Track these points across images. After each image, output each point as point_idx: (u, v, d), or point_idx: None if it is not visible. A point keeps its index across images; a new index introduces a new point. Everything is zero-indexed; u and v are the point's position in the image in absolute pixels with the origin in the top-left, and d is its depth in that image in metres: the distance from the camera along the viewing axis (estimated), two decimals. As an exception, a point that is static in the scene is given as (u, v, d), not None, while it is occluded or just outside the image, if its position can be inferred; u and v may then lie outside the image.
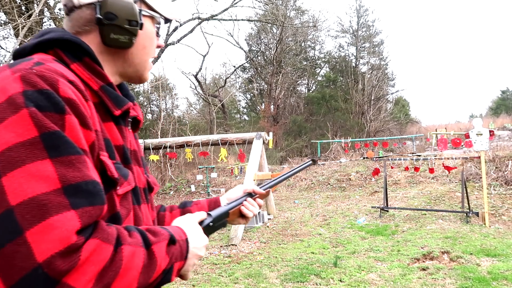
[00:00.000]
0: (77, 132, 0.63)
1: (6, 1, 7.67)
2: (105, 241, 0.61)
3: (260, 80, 25.51)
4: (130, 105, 0.84)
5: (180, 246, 0.77)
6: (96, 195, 0.63)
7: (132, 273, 0.64)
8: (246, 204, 1.10)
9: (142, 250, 0.67)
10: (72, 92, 0.66)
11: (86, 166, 0.63)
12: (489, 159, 9.40)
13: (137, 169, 0.88)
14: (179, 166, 14.99)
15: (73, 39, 0.76)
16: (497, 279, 3.95)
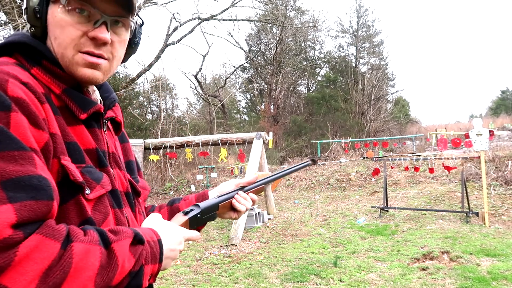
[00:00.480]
0: (24, 130, 0.60)
1: (6, 1, 7.67)
2: (50, 237, 0.56)
3: (260, 80, 25.52)
4: (99, 107, 0.79)
5: (151, 248, 0.72)
6: (41, 189, 0.58)
7: (86, 273, 0.57)
8: (237, 197, 1.07)
9: (99, 248, 0.61)
10: (22, 92, 0.63)
11: (32, 162, 0.59)
12: (489, 159, 9.41)
13: (117, 171, 0.84)
14: (179, 166, 15.00)
15: (29, 42, 0.73)
16: (497, 279, 3.96)
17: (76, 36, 0.74)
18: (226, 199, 1.05)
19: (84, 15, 0.74)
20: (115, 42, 0.79)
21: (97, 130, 0.81)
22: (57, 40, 0.74)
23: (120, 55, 0.82)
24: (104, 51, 0.77)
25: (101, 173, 0.76)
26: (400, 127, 23.71)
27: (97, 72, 0.77)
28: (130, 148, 1.01)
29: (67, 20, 0.73)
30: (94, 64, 0.76)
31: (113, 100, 0.90)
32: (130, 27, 0.82)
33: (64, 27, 0.73)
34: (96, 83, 0.79)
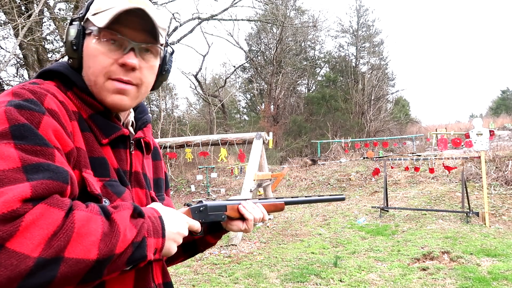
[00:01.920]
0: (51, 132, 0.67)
1: (6, 1, 7.66)
2: (55, 206, 0.60)
3: (260, 80, 25.52)
4: (123, 131, 0.84)
5: (152, 222, 0.74)
6: (58, 172, 0.63)
7: (90, 238, 0.61)
8: (244, 203, 1.04)
9: (100, 217, 0.64)
10: (56, 106, 0.71)
11: (52, 158, 0.64)
12: (489, 159, 9.40)
13: (137, 191, 0.89)
14: (179, 166, 15.00)
15: (62, 70, 0.81)
16: (497, 279, 3.95)
17: (107, 64, 0.80)
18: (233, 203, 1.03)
19: (115, 45, 0.80)
20: (143, 68, 0.83)
21: (122, 151, 0.86)
22: (91, 69, 0.81)
23: (149, 81, 0.87)
24: (132, 77, 0.82)
25: (123, 188, 0.82)
26: (400, 127, 23.70)
27: (125, 98, 0.83)
28: (162, 166, 1.05)
29: (99, 49, 0.80)
30: (122, 90, 0.81)
31: (145, 121, 0.96)
32: (159, 54, 0.88)
33: (96, 56, 0.80)
34: (124, 109, 0.85)
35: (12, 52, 7.33)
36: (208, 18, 14.88)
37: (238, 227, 1.04)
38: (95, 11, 0.81)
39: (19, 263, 0.54)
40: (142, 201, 0.90)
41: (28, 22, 6.87)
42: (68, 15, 11.20)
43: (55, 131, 0.68)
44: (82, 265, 0.60)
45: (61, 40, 10.76)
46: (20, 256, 0.55)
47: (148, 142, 0.96)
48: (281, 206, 1.12)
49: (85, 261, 0.60)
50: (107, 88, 0.80)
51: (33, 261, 0.55)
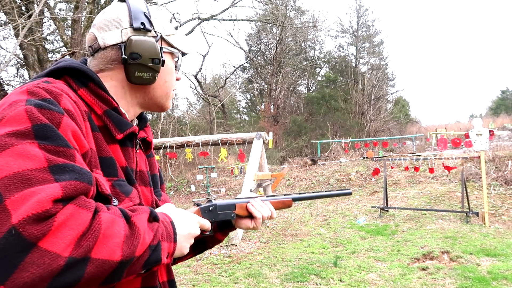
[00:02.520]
0: (70, 133, 0.68)
1: (6, 1, 7.66)
2: (83, 207, 0.62)
3: (260, 80, 25.52)
4: (134, 128, 0.88)
5: (165, 227, 0.76)
6: (83, 174, 0.65)
7: (114, 240, 0.63)
8: (252, 201, 1.04)
9: (122, 220, 0.66)
10: (71, 106, 0.72)
11: (73, 159, 0.65)
12: (489, 159, 9.41)
13: (143, 189, 0.92)
14: (179, 166, 15.00)
15: (79, 67, 0.82)
16: (497, 279, 3.96)
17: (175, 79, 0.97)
18: (242, 201, 1.04)
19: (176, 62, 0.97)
20: None
21: (130, 149, 0.89)
22: (167, 83, 0.93)
23: None
24: None
25: (131, 188, 0.84)
26: (400, 127, 23.70)
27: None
28: (155, 163, 1.09)
29: (173, 67, 0.94)
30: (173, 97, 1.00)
31: (145, 122, 1.01)
32: None
33: (172, 73, 0.95)
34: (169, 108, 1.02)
35: (12, 52, 7.34)
36: (208, 18, 14.89)
37: (247, 225, 1.05)
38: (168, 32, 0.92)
39: (52, 262, 0.55)
40: (148, 199, 0.94)
41: (29, 22, 6.88)
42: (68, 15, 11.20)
43: (73, 132, 0.69)
44: (107, 266, 0.62)
45: (61, 40, 10.77)
46: (52, 255, 0.56)
47: (150, 142, 1.00)
48: (288, 203, 1.12)
49: (110, 262, 0.62)
50: (170, 96, 0.97)
51: (64, 260, 0.56)
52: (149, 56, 0.85)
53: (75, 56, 9.46)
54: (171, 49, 0.92)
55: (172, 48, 0.92)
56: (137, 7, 0.87)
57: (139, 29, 0.85)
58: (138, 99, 0.92)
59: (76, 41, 9.47)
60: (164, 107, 0.97)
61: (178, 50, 0.94)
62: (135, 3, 0.88)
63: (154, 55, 0.85)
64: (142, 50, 0.84)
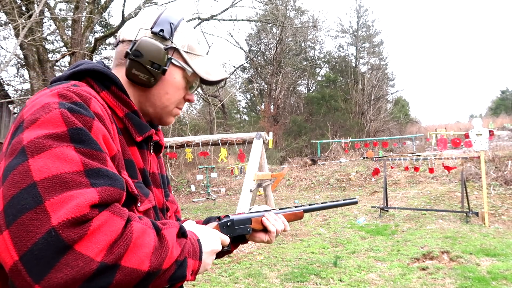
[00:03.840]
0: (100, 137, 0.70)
1: (7, 2, 7.67)
2: (117, 214, 0.63)
3: (260, 80, 25.53)
4: (152, 132, 0.90)
5: (192, 244, 0.77)
6: (116, 179, 0.66)
7: (144, 249, 0.64)
8: (268, 215, 1.06)
9: (153, 231, 0.67)
10: (100, 110, 0.74)
11: (105, 162, 0.67)
12: (489, 159, 9.42)
13: (155, 190, 0.95)
14: (179, 166, 15.01)
15: (102, 70, 0.84)
16: (496, 279, 3.96)
17: (182, 97, 0.95)
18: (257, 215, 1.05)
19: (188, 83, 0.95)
20: None
21: (146, 152, 0.92)
22: (168, 95, 0.92)
23: None
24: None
25: (148, 190, 0.87)
26: (400, 127, 23.71)
27: (174, 119, 0.99)
28: (163, 163, 1.10)
29: (182, 84, 0.93)
30: (178, 115, 0.99)
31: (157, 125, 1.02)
32: None
33: (178, 89, 0.93)
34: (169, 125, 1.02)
35: (12, 52, 7.34)
36: (208, 18, 14.88)
37: (261, 239, 1.07)
38: (188, 49, 0.91)
39: (85, 265, 0.56)
40: (160, 200, 0.96)
41: (29, 23, 6.88)
42: (68, 15, 11.21)
43: (104, 136, 0.71)
44: (135, 275, 0.62)
45: (61, 40, 10.77)
46: (86, 258, 0.56)
47: (161, 145, 1.02)
48: (300, 215, 1.15)
49: (138, 271, 0.62)
50: (173, 113, 0.96)
51: (97, 265, 0.57)
52: (150, 59, 0.85)
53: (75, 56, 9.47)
54: (184, 65, 0.91)
55: (185, 65, 0.91)
56: (167, 16, 0.89)
57: (156, 33, 0.86)
58: (138, 103, 0.92)
59: (76, 41, 9.47)
60: (162, 119, 0.96)
61: (193, 71, 0.92)
62: (168, 13, 0.91)
63: (156, 59, 0.85)
64: (146, 50, 0.85)
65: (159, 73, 0.87)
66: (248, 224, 1.02)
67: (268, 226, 1.05)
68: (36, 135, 0.62)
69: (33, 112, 0.66)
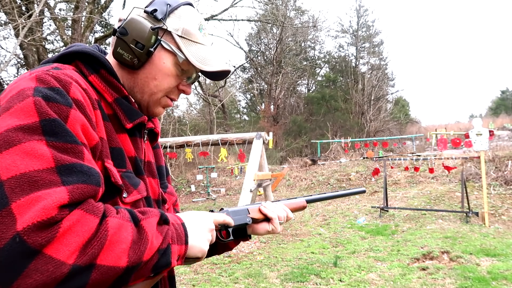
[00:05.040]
0: (78, 127, 0.66)
1: (7, 1, 7.67)
2: (90, 212, 0.60)
3: (260, 80, 25.52)
4: (143, 118, 0.86)
5: (176, 229, 0.74)
6: (91, 175, 0.63)
7: (120, 246, 0.61)
8: (265, 203, 1.03)
9: (130, 224, 0.65)
10: (81, 96, 0.70)
11: (81, 156, 0.64)
12: (489, 159, 9.41)
13: (150, 180, 0.91)
14: (179, 166, 15.00)
15: (91, 52, 0.80)
16: (496, 279, 3.96)
17: (173, 86, 0.88)
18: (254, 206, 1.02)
19: (183, 71, 0.87)
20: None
21: (138, 140, 0.88)
22: (156, 81, 0.85)
23: None
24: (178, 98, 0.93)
25: (138, 180, 0.83)
26: (400, 127, 23.71)
27: (163, 111, 0.93)
28: (161, 154, 1.07)
29: (173, 71, 0.86)
30: (168, 106, 0.91)
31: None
32: None
33: (168, 75, 0.86)
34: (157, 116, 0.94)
35: (12, 52, 7.34)
36: (208, 18, 14.89)
37: (265, 229, 1.03)
38: (183, 34, 0.84)
39: (55, 269, 0.54)
40: (155, 190, 0.92)
41: (29, 22, 6.88)
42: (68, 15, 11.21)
43: (82, 125, 0.67)
44: (113, 273, 0.60)
45: (61, 40, 10.77)
46: (57, 262, 0.54)
47: (157, 133, 0.97)
48: (303, 205, 1.12)
49: (116, 268, 0.61)
50: (161, 102, 0.89)
51: (68, 268, 0.55)
52: (134, 37, 0.80)
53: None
54: (175, 50, 0.83)
55: (176, 50, 0.84)
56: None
57: (148, 12, 0.82)
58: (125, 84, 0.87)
59: (76, 41, 9.47)
60: (149, 109, 0.89)
61: (185, 56, 0.84)
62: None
63: (140, 38, 0.80)
64: (131, 28, 0.80)
65: (143, 54, 0.81)
66: (245, 214, 0.99)
67: (267, 213, 1.02)
68: (6, 126, 0.59)
69: (9, 99, 0.63)
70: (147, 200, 0.85)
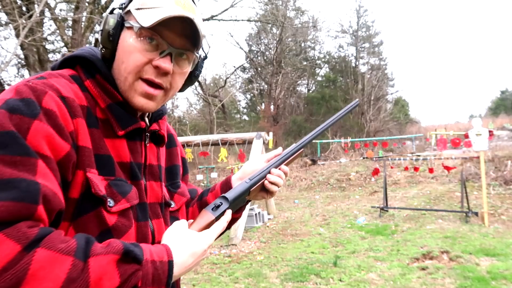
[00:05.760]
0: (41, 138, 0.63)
1: (7, 2, 7.68)
2: (12, 238, 0.54)
3: (260, 80, 25.53)
4: (139, 125, 0.82)
5: (155, 269, 0.67)
6: (26, 192, 0.57)
7: (46, 284, 0.54)
8: (270, 177, 0.98)
9: (71, 259, 0.57)
10: (55, 105, 0.67)
11: (33, 168, 0.60)
12: (489, 159, 9.43)
13: (151, 184, 0.87)
14: (179, 166, 14.99)
15: (88, 56, 0.78)
16: (496, 279, 3.97)
17: (141, 63, 0.77)
18: (257, 181, 0.97)
19: (152, 44, 0.77)
20: (176, 74, 0.81)
21: (138, 143, 0.84)
22: (124, 64, 0.77)
23: (178, 86, 0.85)
24: (163, 80, 0.80)
25: (130, 187, 0.79)
26: (400, 127, 23.71)
27: (151, 103, 0.80)
28: (177, 152, 1.02)
29: (136, 46, 0.76)
30: (150, 95, 0.79)
31: (161, 113, 0.92)
32: (193, 60, 0.86)
33: (132, 52, 0.77)
34: (148, 111, 0.84)
35: (13, 53, 7.35)
36: (208, 18, 14.90)
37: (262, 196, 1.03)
38: (139, 6, 0.77)
39: None
40: (157, 194, 0.89)
41: (29, 23, 6.89)
42: (69, 15, 11.21)
43: (47, 136, 0.63)
44: None
45: (62, 40, 10.78)
46: None
47: (162, 135, 0.92)
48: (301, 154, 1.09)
49: None
50: (135, 88, 0.78)
51: None
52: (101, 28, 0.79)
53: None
54: (132, 23, 0.76)
55: (133, 22, 0.76)
56: None
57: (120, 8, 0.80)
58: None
59: (76, 41, 9.47)
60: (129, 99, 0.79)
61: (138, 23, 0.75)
62: None
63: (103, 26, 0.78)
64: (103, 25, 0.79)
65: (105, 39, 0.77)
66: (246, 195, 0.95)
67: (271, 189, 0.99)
68: None
69: None
70: (140, 206, 0.81)
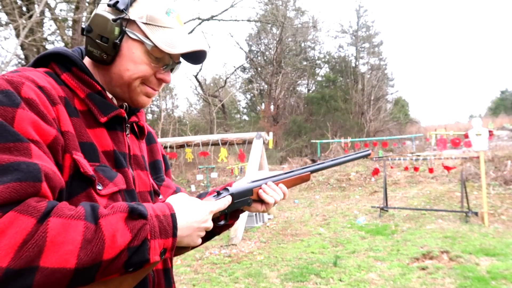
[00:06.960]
0: (27, 124, 0.65)
1: (7, 2, 7.68)
2: (24, 213, 0.58)
3: (260, 80, 25.54)
4: (119, 111, 0.85)
5: (160, 222, 0.71)
6: (27, 172, 0.60)
7: (66, 247, 0.59)
8: (265, 187, 1.00)
9: (83, 222, 0.62)
10: (34, 94, 0.69)
11: (27, 152, 0.62)
12: (488, 159, 9.43)
13: (138, 173, 0.91)
14: (179, 166, 15.02)
15: (62, 52, 0.82)
16: (496, 279, 3.98)
17: (147, 74, 0.86)
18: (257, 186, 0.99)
19: (158, 58, 0.86)
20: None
21: (119, 133, 0.88)
22: (129, 72, 0.84)
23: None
24: (160, 87, 0.92)
25: (115, 173, 0.82)
26: (400, 127, 23.71)
27: (149, 100, 0.91)
28: (158, 148, 1.07)
29: (143, 60, 0.84)
30: (151, 94, 0.90)
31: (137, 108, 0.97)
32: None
33: (139, 64, 0.84)
34: (145, 106, 0.93)
35: (13, 53, 7.35)
36: (209, 18, 14.91)
37: (257, 209, 1.03)
38: (148, 21, 0.82)
39: None
40: (145, 182, 0.93)
41: (29, 23, 6.89)
42: (69, 15, 11.21)
43: (33, 122, 0.66)
44: (60, 275, 0.59)
45: (62, 40, 10.78)
46: None
47: (142, 126, 0.97)
48: (307, 178, 1.08)
49: (62, 270, 0.59)
50: (141, 90, 0.87)
51: (2, 272, 0.54)
52: (99, 32, 0.80)
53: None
54: (142, 38, 0.82)
55: (143, 38, 0.82)
56: None
57: (110, 6, 0.80)
58: (100, 79, 0.87)
59: (76, 42, 9.48)
60: (133, 99, 0.88)
61: (152, 43, 0.82)
62: None
63: (103, 32, 0.80)
64: (94, 24, 0.81)
65: (110, 47, 0.80)
66: (249, 195, 0.96)
67: (265, 199, 1.00)
68: None
69: None
70: (128, 193, 0.84)
